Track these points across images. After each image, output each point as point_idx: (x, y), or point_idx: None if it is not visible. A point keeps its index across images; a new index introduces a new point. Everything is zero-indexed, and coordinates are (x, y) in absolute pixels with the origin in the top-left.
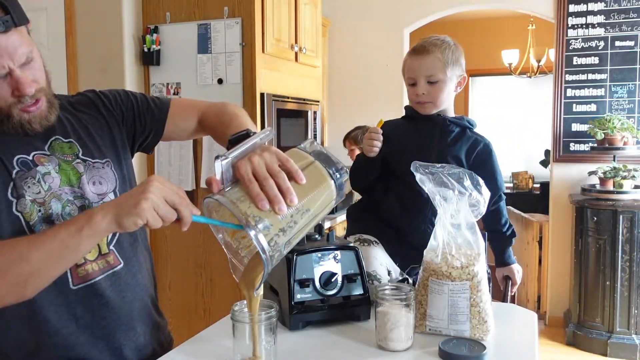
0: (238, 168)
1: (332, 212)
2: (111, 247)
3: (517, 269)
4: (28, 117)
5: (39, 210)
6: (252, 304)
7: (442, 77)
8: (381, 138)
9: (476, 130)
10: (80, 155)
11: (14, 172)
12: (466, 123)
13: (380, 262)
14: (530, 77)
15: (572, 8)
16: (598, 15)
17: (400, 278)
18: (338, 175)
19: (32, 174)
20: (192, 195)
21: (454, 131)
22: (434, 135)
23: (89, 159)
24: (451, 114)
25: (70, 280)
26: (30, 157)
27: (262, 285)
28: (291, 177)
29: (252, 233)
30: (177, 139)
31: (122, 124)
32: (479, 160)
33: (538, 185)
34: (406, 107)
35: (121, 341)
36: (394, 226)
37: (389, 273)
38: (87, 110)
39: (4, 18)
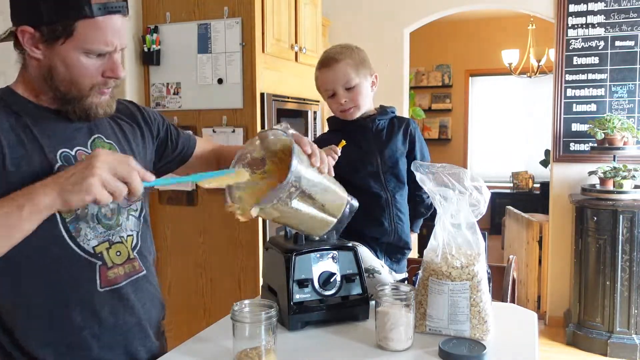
0: (299, 137)
1: None
2: (135, 253)
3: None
4: (99, 100)
5: (76, 209)
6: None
7: (357, 81)
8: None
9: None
10: None
11: (56, 165)
12: (390, 113)
13: (372, 257)
14: (530, 77)
15: (572, 8)
16: (598, 15)
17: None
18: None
19: None
20: (191, 195)
21: (384, 127)
22: (369, 138)
23: None
24: (372, 111)
25: (98, 282)
26: (73, 152)
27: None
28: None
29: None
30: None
31: (155, 140)
32: (412, 139)
33: (538, 185)
34: (330, 120)
35: (137, 346)
36: (366, 233)
37: (382, 267)
38: (125, 118)
39: (124, 4)
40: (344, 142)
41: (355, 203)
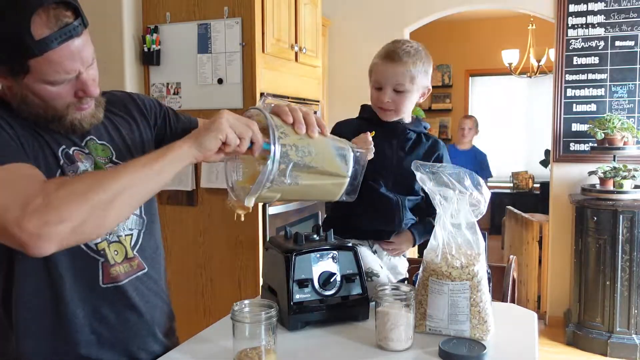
0: (278, 107)
1: None
2: (135, 251)
3: (407, 241)
4: (80, 116)
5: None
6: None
7: (408, 88)
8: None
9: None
10: (113, 158)
11: (61, 162)
12: (422, 129)
13: (372, 259)
14: (530, 77)
15: (572, 8)
16: (598, 15)
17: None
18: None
19: (74, 168)
20: (192, 195)
21: (411, 138)
22: (393, 143)
23: (122, 163)
24: (408, 119)
25: (100, 278)
26: (71, 152)
27: (256, 194)
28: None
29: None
30: None
31: (152, 129)
32: (438, 162)
33: (538, 185)
34: (365, 107)
35: (139, 345)
36: (372, 230)
37: (381, 268)
38: (117, 111)
39: (77, 22)
40: (373, 132)
41: (368, 155)
